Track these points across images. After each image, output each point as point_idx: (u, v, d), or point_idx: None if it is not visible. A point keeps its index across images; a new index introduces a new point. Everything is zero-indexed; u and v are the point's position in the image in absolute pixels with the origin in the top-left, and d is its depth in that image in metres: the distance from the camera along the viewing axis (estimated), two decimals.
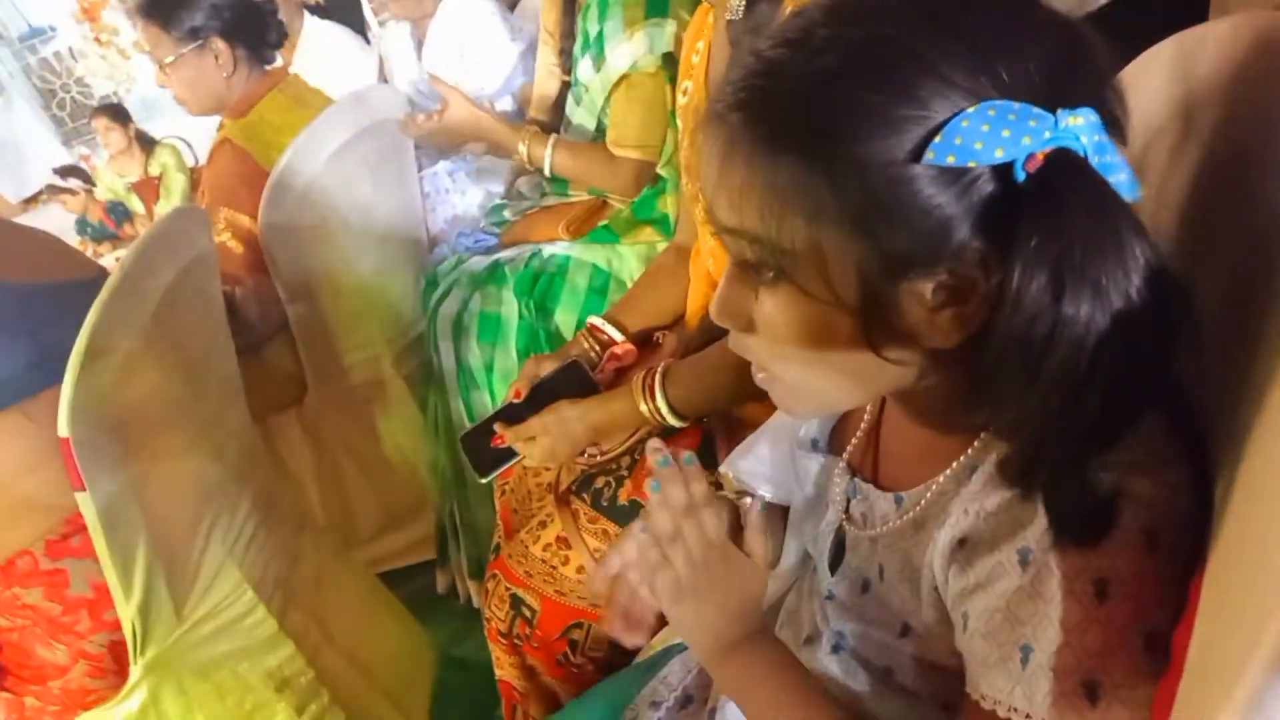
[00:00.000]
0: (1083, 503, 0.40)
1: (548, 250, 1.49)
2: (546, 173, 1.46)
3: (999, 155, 0.38)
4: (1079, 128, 0.38)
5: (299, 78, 1.65)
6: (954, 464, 0.48)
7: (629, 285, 1.37)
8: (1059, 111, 0.39)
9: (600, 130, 1.50)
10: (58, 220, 3.96)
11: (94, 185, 4.08)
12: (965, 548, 0.46)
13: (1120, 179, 0.39)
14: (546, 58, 1.66)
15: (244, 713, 1.11)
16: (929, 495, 0.50)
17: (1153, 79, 0.51)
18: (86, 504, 0.87)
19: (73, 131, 5.06)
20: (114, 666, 1.01)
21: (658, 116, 1.39)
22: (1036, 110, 0.38)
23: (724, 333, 0.94)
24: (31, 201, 4.49)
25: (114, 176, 4.00)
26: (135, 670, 0.99)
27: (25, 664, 0.99)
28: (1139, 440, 0.41)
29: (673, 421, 0.92)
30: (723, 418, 0.96)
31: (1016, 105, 0.38)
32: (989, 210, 0.40)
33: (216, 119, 1.59)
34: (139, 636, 0.98)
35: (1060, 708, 0.40)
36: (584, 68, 1.47)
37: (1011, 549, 0.43)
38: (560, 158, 1.43)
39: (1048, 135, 0.38)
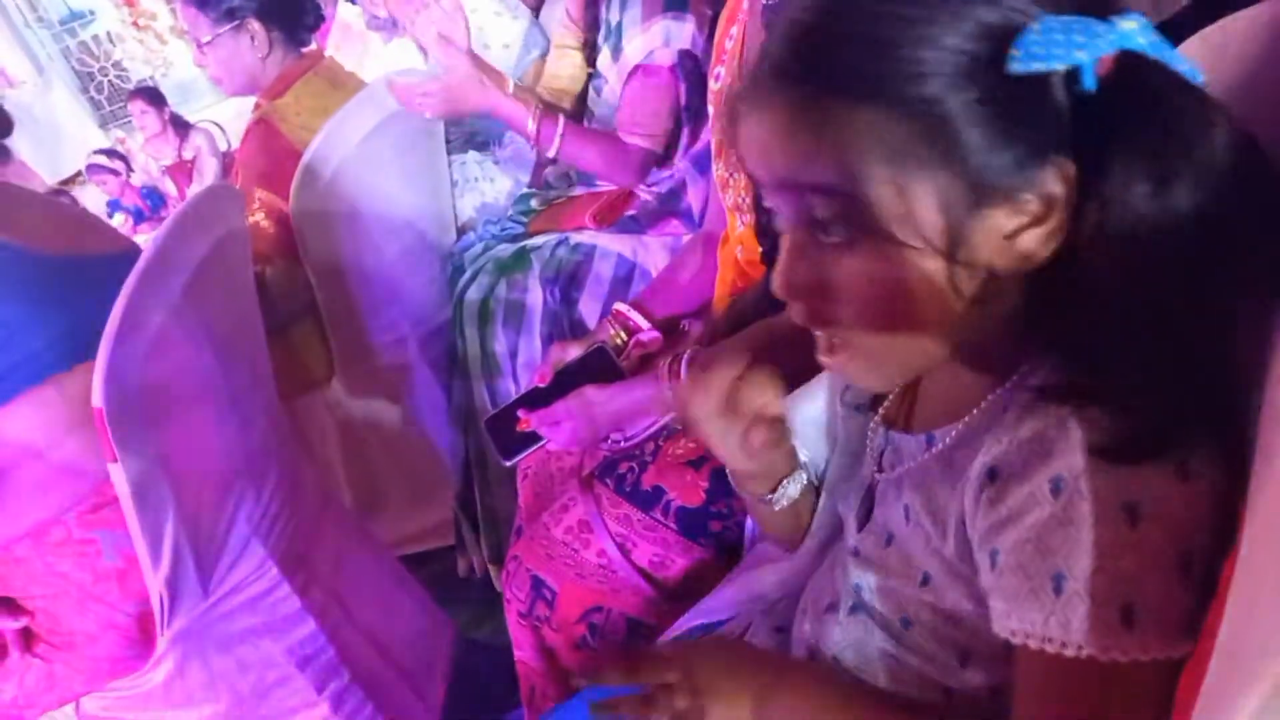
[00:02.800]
0: (1152, 419, 0.40)
1: (574, 238, 1.50)
2: (552, 154, 1.45)
3: (1079, 56, 0.39)
4: (1135, 30, 0.39)
5: (334, 61, 1.66)
6: (986, 400, 0.49)
7: (653, 275, 1.37)
8: (1111, 18, 0.39)
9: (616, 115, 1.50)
10: (92, 203, 4.02)
11: (132, 170, 4.15)
12: (996, 480, 0.45)
13: (1184, 68, 0.40)
14: (565, 40, 1.65)
15: (265, 687, 1.12)
16: (958, 429, 0.50)
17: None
18: (119, 475, 0.88)
19: (109, 115, 5.14)
20: (141, 637, 1.02)
21: (668, 108, 1.39)
22: (1094, 21, 0.39)
23: (750, 319, 0.94)
24: (69, 183, 4.57)
25: (149, 160, 4.07)
26: (162, 641, 1.01)
27: (55, 631, 1.01)
28: None
29: None
30: None
31: (1076, 17, 0.39)
32: (1064, 126, 0.41)
33: (250, 104, 1.61)
34: (166, 608, 1.00)
35: (1097, 633, 0.40)
36: (604, 57, 1.47)
37: (1044, 479, 0.42)
38: (568, 141, 1.42)
39: (1113, 38, 0.39)
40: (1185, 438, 0.40)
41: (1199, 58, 0.47)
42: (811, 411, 0.67)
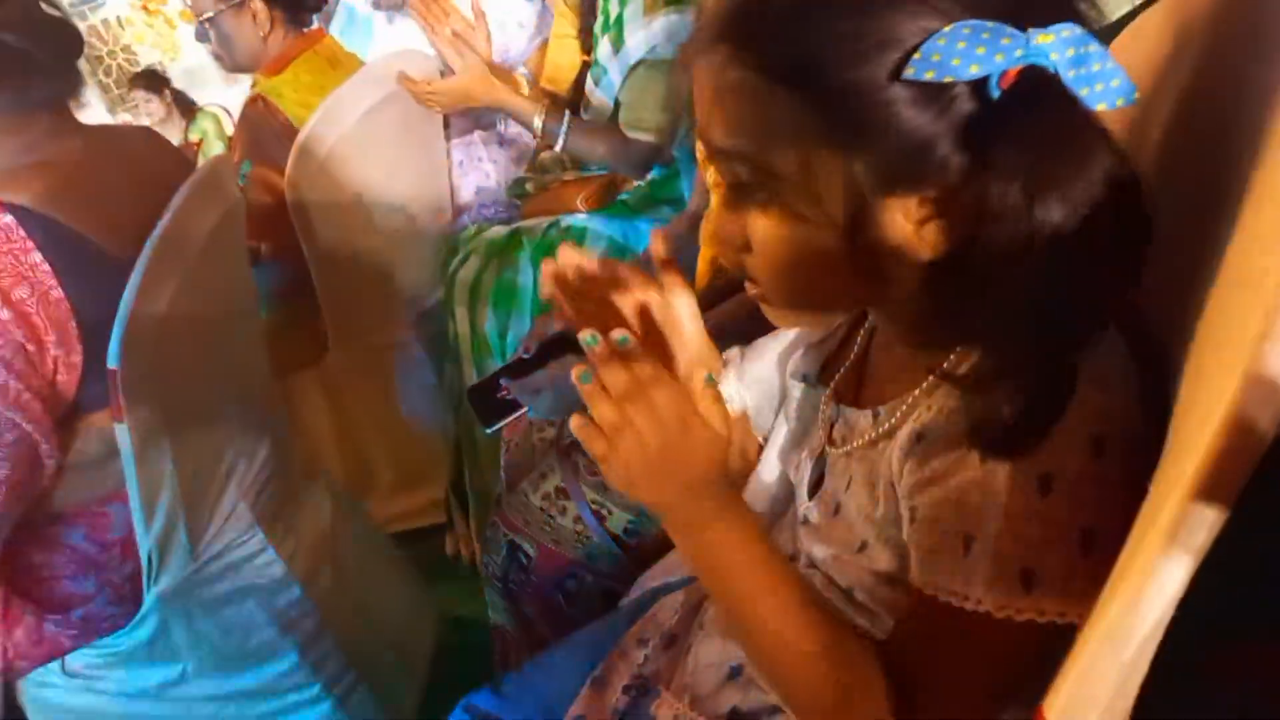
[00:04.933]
0: (1031, 414, 0.42)
1: (565, 221, 1.51)
2: (558, 149, 1.48)
3: (974, 71, 0.40)
4: (1049, 45, 0.40)
5: (334, 41, 1.68)
6: (928, 379, 0.51)
7: None
8: (1029, 30, 0.40)
9: (617, 110, 1.52)
10: None
11: None
12: (923, 442, 0.48)
13: (1112, 85, 0.41)
14: (563, 29, 1.67)
15: (248, 650, 1.14)
16: (904, 407, 0.52)
17: (1145, 42, 0.52)
18: (124, 434, 0.90)
19: (118, 99, 5.15)
20: (131, 595, 1.04)
21: (670, 101, 1.40)
22: (1009, 29, 0.40)
23: (731, 292, 0.96)
24: None
25: None
26: (148, 599, 1.03)
27: (52, 596, 1.03)
28: (1099, 356, 0.43)
29: None
30: None
31: (990, 24, 0.40)
32: (968, 127, 0.42)
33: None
34: (155, 567, 1.02)
35: (996, 592, 0.43)
36: (603, 48, 1.49)
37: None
38: (574, 137, 1.45)
39: (1019, 53, 0.40)
40: (1040, 422, 0.42)
41: (1131, 46, 0.49)
42: (758, 372, 0.70)
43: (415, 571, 1.52)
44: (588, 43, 1.63)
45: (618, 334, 0.51)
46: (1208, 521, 0.29)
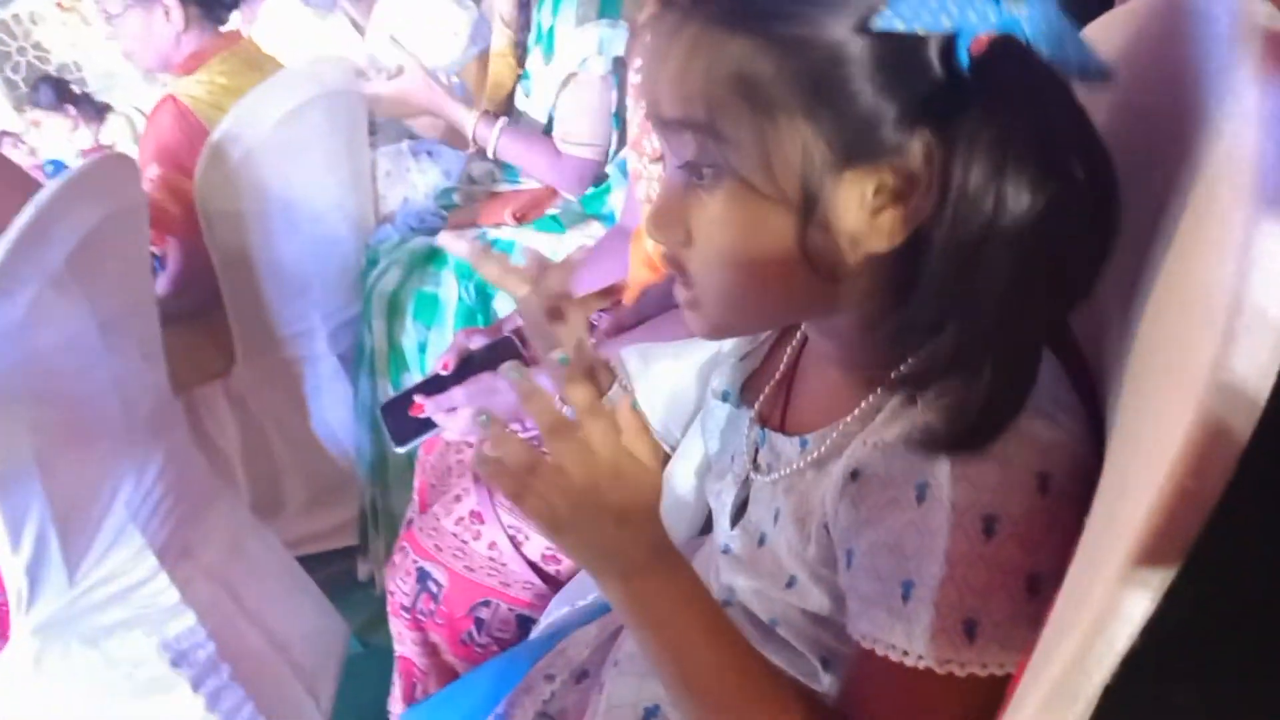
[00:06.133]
0: (990, 408, 0.40)
1: (492, 234, 1.48)
2: (490, 155, 1.45)
3: (945, 23, 0.38)
4: (1023, 17, 0.38)
5: (252, 41, 1.61)
6: (861, 405, 0.48)
7: None
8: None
9: (550, 124, 1.49)
10: None
11: (35, 155, 3.95)
12: (858, 481, 0.45)
13: (1084, 59, 0.39)
14: (500, 46, 1.65)
15: (136, 684, 1.06)
16: (834, 436, 0.49)
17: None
18: None
19: (24, 96, 4.90)
20: None
21: (604, 117, 1.39)
22: None
23: (657, 311, 0.94)
24: None
25: (63, 142, 3.88)
26: (19, 631, 0.95)
27: None
28: (1041, 386, 0.41)
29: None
30: None
31: None
32: (933, 100, 0.40)
33: None
34: (24, 597, 0.93)
35: (938, 644, 0.40)
36: (534, 60, 1.47)
37: (909, 484, 0.42)
38: (506, 143, 1.42)
39: (992, 18, 0.38)
40: (1005, 415, 0.40)
41: (1096, 41, 0.48)
42: (671, 383, 0.66)
43: (323, 597, 1.45)
44: (521, 56, 1.60)
45: (556, 354, 0.47)
46: (1156, 579, 0.27)
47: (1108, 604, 0.27)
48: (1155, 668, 0.29)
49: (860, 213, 0.42)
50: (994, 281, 0.39)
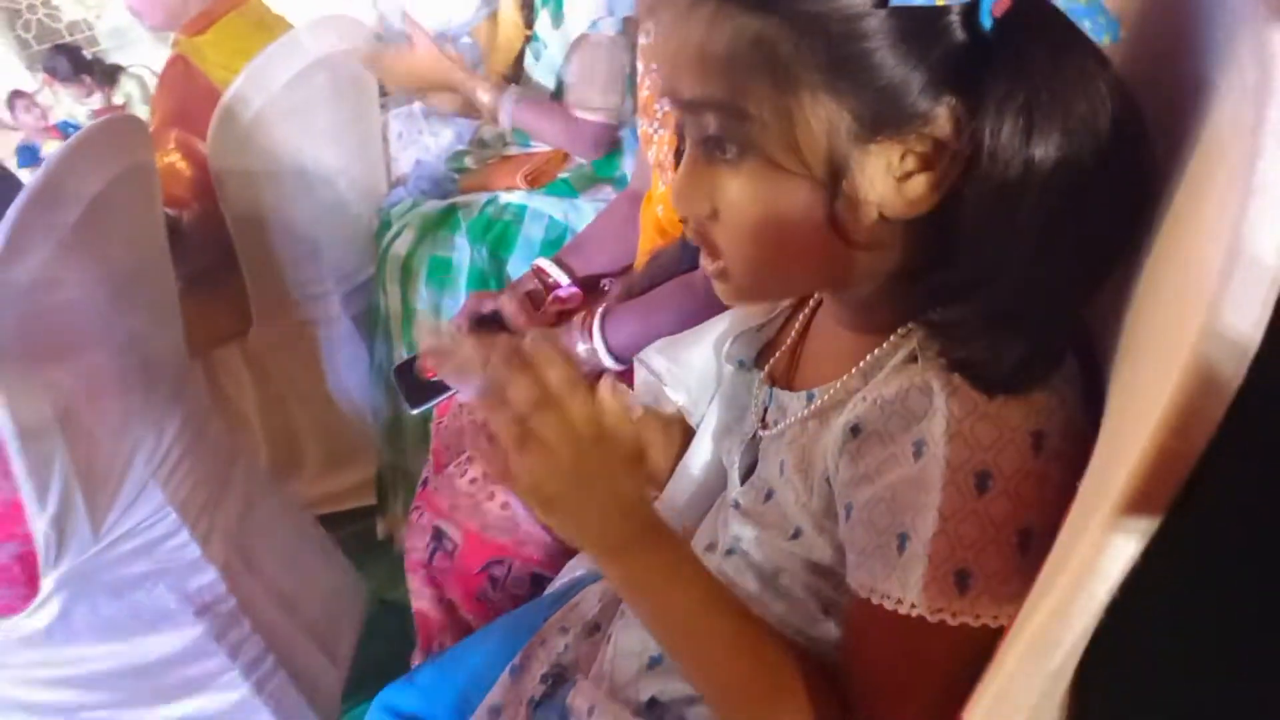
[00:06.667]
0: (1024, 365, 0.40)
1: (504, 198, 1.48)
2: (504, 126, 1.44)
3: None
4: None
5: (261, 1, 1.60)
6: (865, 360, 0.48)
7: None
8: None
9: (560, 88, 1.48)
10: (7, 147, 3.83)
11: (45, 118, 3.96)
12: (858, 436, 0.46)
13: (1098, 21, 0.39)
14: (508, 8, 1.63)
15: (160, 634, 1.09)
16: (835, 388, 0.50)
17: None
18: (1, 411, 0.84)
19: (37, 55, 4.88)
20: (23, 578, 0.98)
21: (616, 79, 1.37)
22: None
23: (666, 276, 0.94)
24: None
25: (75, 104, 3.89)
26: (46, 584, 0.98)
27: None
28: None
29: (609, 364, 0.92)
30: None
31: None
32: (957, 65, 0.40)
33: None
34: (53, 550, 0.96)
35: (930, 594, 0.41)
36: (543, 22, 1.45)
37: (907, 440, 0.43)
38: (520, 112, 1.41)
39: None
40: (1040, 370, 0.41)
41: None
42: (693, 359, 0.68)
43: (342, 555, 1.48)
44: (529, 18, 1.58)
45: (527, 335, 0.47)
46: (1139, 529, 0.28)
47: (1092, 552, 0.28)
48: (1137, 619, 0.30)
49: (888, 181, 0.42)
50: (1029, 237, 0.39)
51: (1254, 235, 0.26)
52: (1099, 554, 0.28)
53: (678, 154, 0.49)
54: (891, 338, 0.47)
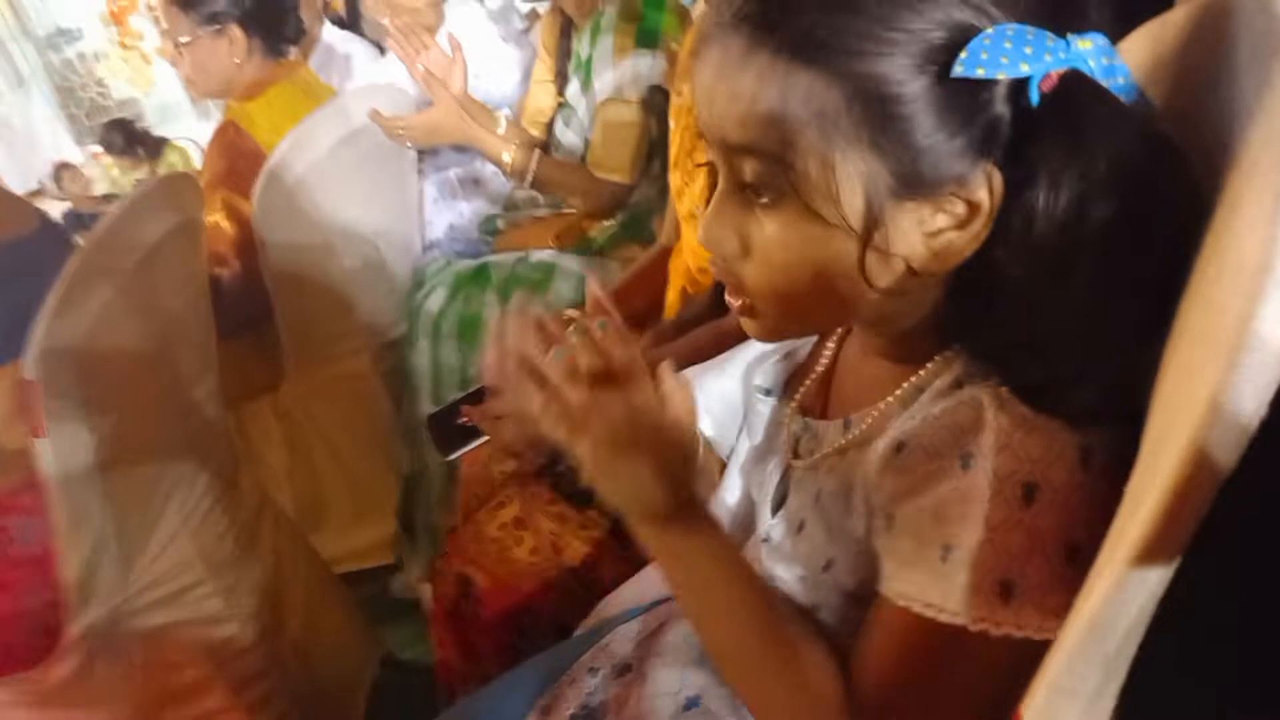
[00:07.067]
0: (1109, 401, 0.41)
1: (535, 256, 1.51)
2: (527, 185, 1.48)
3: (1024, 69, 0.39)
4: (1088, 51, 0.40)
5: (310, 71, 1.68)
6: (903, 386, 0.49)
7: None
8: (1069, 36, 0.40)
9: (587, 150, 1.53)
10: (57, 213, 3.98)
11: (88, 189, 4.13)
12: (903, 452, 0.46)
13: (1127, 89, 0.41)
14: (542, 75, 1.70)
15: (182, 685, 1.08)
16: (875, 415, 0.50)
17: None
18: (45, 450, 0.86)
19: (87, 130, 5.11)
20: (51, 628, 0.98)
21: (637, 143, 1.42)
22: (1050, 35, 0.40)
23: (696, 323, 0.95)
24: (36, 195, 4.52)
25: (121, 176, 4.04)
26: (72, 631, 0.97)
27: None
28: None
29: None
30: None
31: (1032, 28, 0.40)
32: (999, 133, 0.41)
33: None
34: (81, 596, 0.96)
35: (974, 603, 0.41)
36: (573, 88, 1.51)
37: (955, 454, 0.43)
38: (543, 171, 1.45)
39: (1063, 55, 0.40)
40: (1088, 401, 0.41)
41: (1143, 49, 0.49)
42: (721, 389, 0.68)
43: (358, 611, 1.47)
44: (561, 85, 1.65)
45: (597, 320, 0.51)
46: (1177, 541, 0.28)
47: (1145, 536, 0.28)
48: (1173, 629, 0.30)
49: (918, 236, 0.44)
50: (1082, 300, 0.40)
51: None
52: (1137, 561, 0.28)
53: (710, 192, 0.51)
54: (930, 365, 0.48)
